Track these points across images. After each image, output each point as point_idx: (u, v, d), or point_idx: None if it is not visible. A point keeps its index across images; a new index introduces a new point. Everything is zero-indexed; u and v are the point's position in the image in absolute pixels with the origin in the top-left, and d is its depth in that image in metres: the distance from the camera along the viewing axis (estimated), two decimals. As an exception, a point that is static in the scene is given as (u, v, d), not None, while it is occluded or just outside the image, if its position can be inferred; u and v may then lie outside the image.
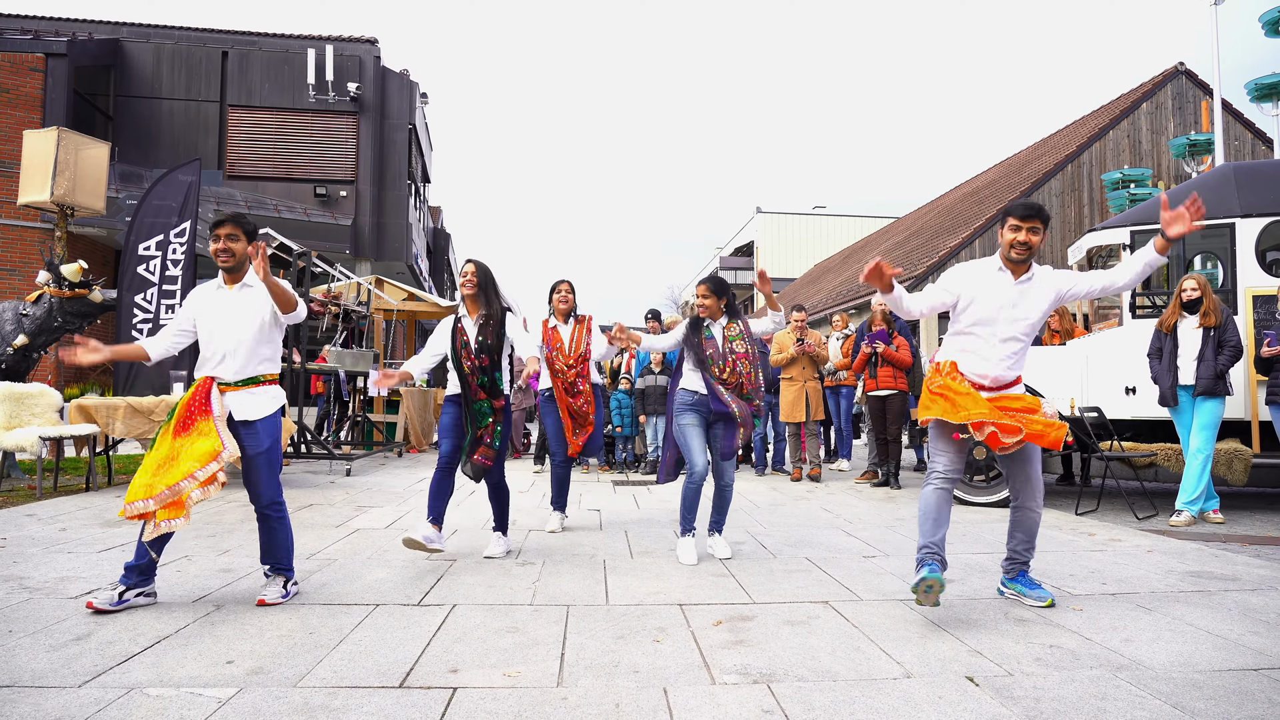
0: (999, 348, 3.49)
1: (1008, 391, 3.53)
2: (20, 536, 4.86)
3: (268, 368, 3.68)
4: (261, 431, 3.58)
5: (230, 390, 3.57)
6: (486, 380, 4.38)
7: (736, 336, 4.57)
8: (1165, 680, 2.64)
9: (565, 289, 5.56)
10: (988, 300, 3.49)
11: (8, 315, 7.50)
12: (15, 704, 2.37)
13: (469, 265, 4.55)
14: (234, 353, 3.57)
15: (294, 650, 2.89)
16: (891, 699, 2.48)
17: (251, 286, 3.67)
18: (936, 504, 3.49)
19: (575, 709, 2.40)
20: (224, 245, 3.62)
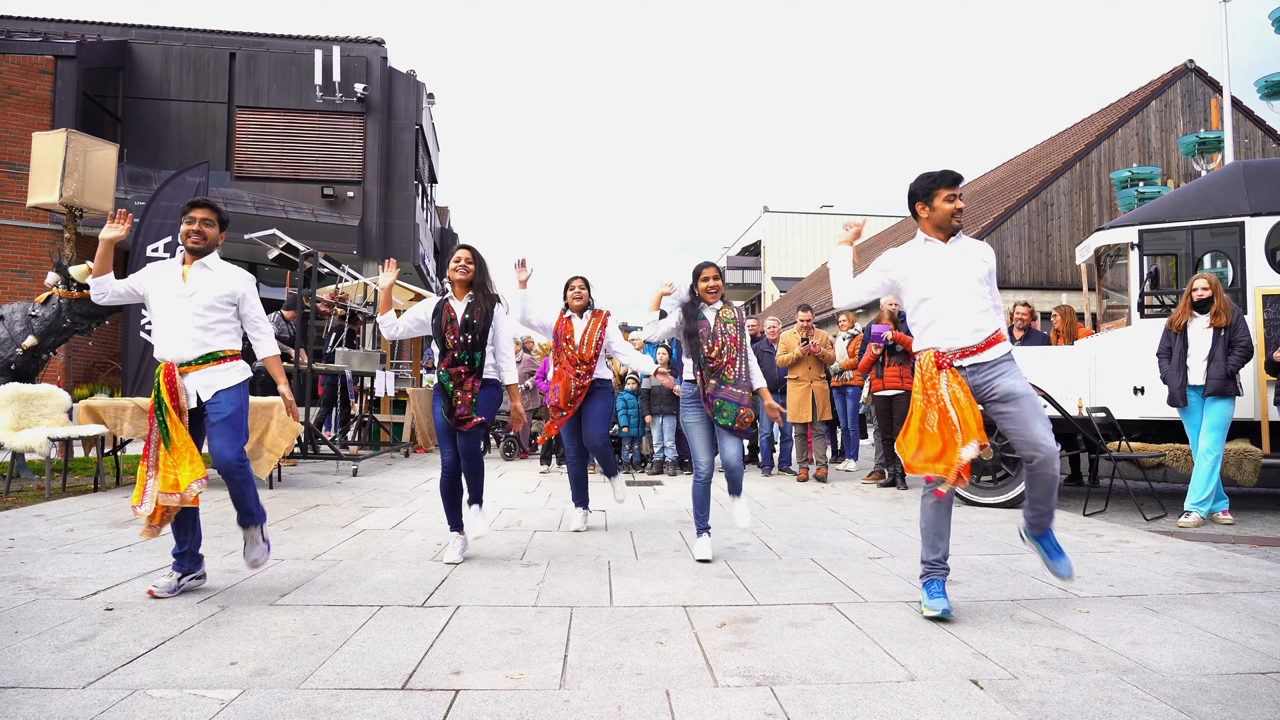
0: (962, 307, 3.45)
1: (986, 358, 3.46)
2: (28, 537, 4.88)
3: (225, 343, 3.73)
4: (223, 401, 3.64)
5: (192, 370, 3.62)
6: (466, 357, 4.35)
7: (730, 320, 4.58)
8: (1172, 684, 2.62)
9: (579, 285, 5.53)
10: (931, 269, 3.50)
11: (17, 316, 7.54)
12: (20, 705, 2.38)
13: (463, 251, 4.53)
14: (187, 332, 3.63)
15: (297, 651, 2.90)
16: (895, 702, 2.47)
17: (210, 269, 3.73)
18: (935, 516, 3.51)
19: (578, 711, 2.40)
20: (199, 228, 3.70)
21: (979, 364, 3.45)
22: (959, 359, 3.45)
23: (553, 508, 6.47)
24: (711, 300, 4.66)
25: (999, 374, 3.45)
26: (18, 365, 7.45)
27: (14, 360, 7.41)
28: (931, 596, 3.39)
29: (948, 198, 3.50)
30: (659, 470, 9.33)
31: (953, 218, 3.51)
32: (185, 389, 3.62)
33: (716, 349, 4.51)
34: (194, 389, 3.63)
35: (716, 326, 4.57)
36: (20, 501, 6.26)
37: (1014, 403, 3.41)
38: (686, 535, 5.27)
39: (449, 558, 4.41)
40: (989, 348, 3.46)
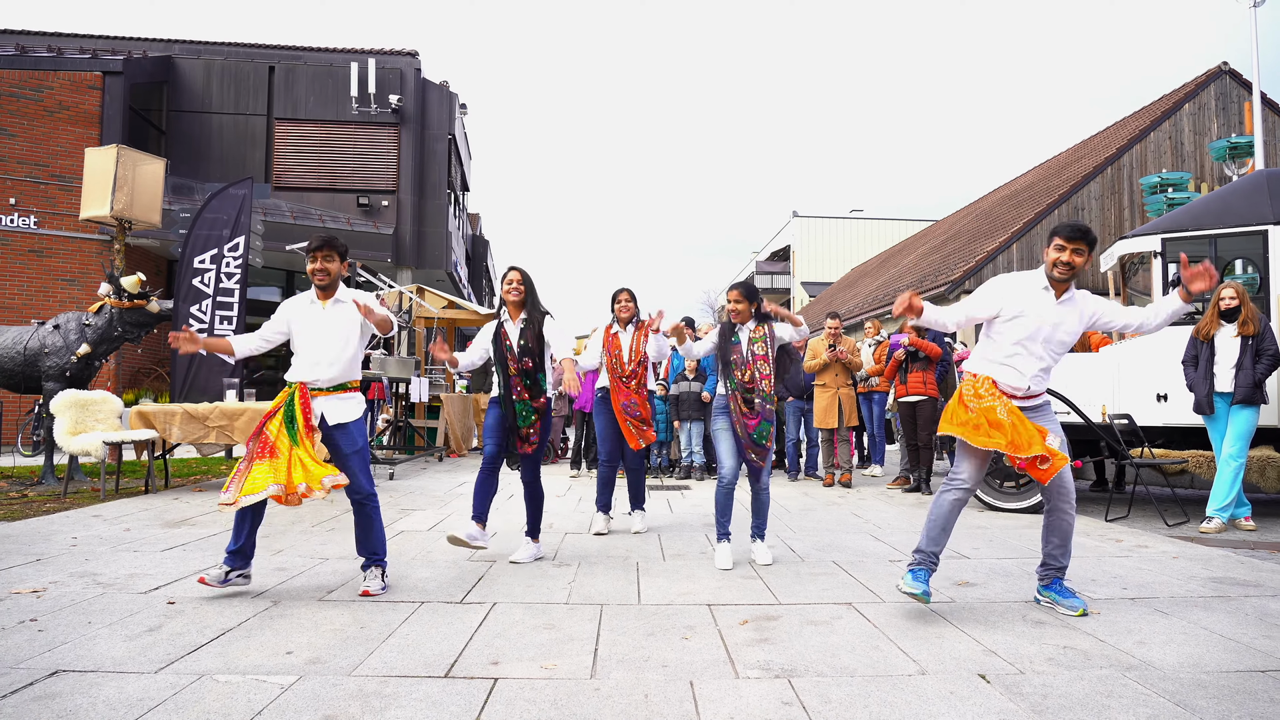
0: (1036, 363, 3.61)
1: (1032, 403, 3.65)
2: (89, 536, 5.18)
3: (353, 375, 4.04)
4: (354, 432, 3.96)
5: (322, 395, 3.93)
6: (530, 382, 4.58)
7: (759, 339, 4.73)
8: (1172, 680, 2.75)
9: (625, 297, 5.77)
10: (1032, 317, 3.59)
11: (71, 326, 7.89)
12: (101, 687, 2.62)
13: (514, 273, 4.77)
14: (328, 362, 3.93)
15: (347, 643, 3.11)
16: (905, 694, 2.63)
17: (343, 303, 4.03)
18: (949, 512, 3.66)
19: (607, 699, 2.58)
20: (320, 265, 4.00)
21: (1026, 407, 3.65)
22: (1011, 398, 3.63)
23: (583, 511, 6.67)
24: (737, 320, 4.82)
25: (1038, 415, 3.66)
26: (73, 372, 7.79)
27: (69, 367, 7.76)
28: (915, 578, 3.55)
29: (1057, 247, 3.58)
30: (687, 475, 9.51)
31: (1053, 267, 3.58)
32: (319, 409, 3.91)
33: (749, 373, 4.67)
34: (320, 410, 3.92)
35: (748, 350, 4.72)
36: (77, 503, 6.58)
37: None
38: (712, 538, 5.42)
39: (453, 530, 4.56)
40: (1037, 398, 3.68)
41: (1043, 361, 3.63)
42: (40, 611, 3.46)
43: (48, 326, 7.89)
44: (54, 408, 6.94)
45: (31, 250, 14.23)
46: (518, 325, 4.67)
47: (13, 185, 14.17)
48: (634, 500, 5.87)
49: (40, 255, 14.28)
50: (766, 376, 4.66)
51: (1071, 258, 3.54)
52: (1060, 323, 3.61)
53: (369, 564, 3.96)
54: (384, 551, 4.01)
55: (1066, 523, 3.65)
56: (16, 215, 14.13)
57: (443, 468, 10.23)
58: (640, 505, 5.87)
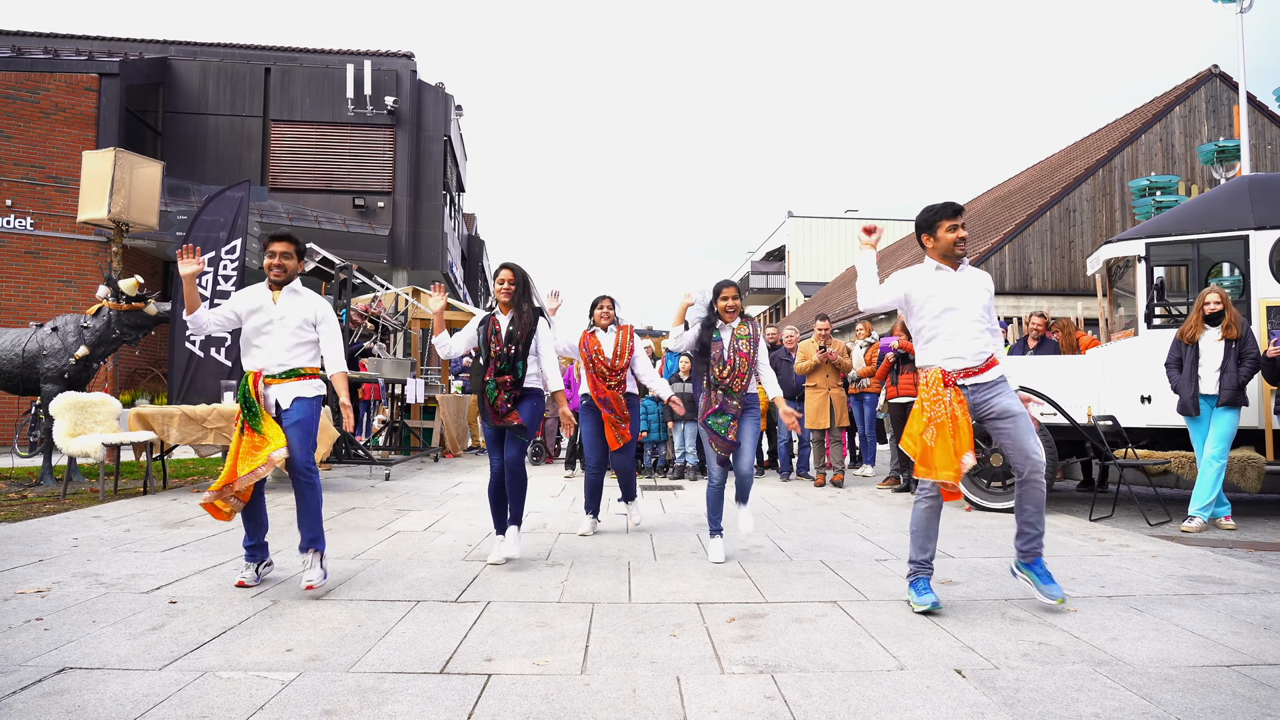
0: (968, 328, 3.73)
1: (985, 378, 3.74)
2: (90, 537, 5.26)
3: (307, 361, 4.15)
4: (298, 406, 4.05)
5: (275, 383, 4.05)
6: (508, 366, 4.64)
7: (744, 337, 4.83)
8: (1141, 675, 2.86)
9: (606, 305, 5.81)
10: (942, 293, 3.76)
11: (70, 328, 7.97)
12: (108, 683, 2.71)
13: (506, 271, 4.83)
14: (276, 350, 4.07)
15: (345, 640, 3.21)
16: (883, 688, 2.73)
17: (299, 294, 4.18)
18: (927, 519, 3.79)
19: (597, 694, 2.68)
20: (279, 261, 4.15)
21: (979, 384, 3.76)
22: (962, 378, 3.75)
23: (576, 511, 6.76)
24: (729, 319, 4.91)
25: (997, 394, 3.78)
26: (71, 374, 7.87)
27: (67, 369, 7.83)
28: (920, 594, 3.68)
29: (950, 228, 3.77)
30: (680, 475, 9.61)
31: (955, 246, 3.77)
32: (266, 398, 4.04)
33: (728, 369, 4.76)
34: (274, 399, 4.06)
35: (730, 346, 4.81)
36: (77, 504, 6.66)
37: (1010, 420, 3.73)
38: (703, 538, 5.54)
39: (492, 559, 4.66)
40: (988, 369, 3.77)
41: (975, 326, 3.73)
42: (45, 611, 3.55)
43: (46, 329, 7.97)
44: (53, 410, 7.02)
45: (28, 251, 14.28)
46: (508, 317, 4.75)
47: (9, 187, 14.22)
48: (625, 495, 5.99)
49: (37, 256, 14.33)
50: (743, 375, 4.75)
51: (964, 233, 3.78)
52: (967, 287, 3.77)
53: (306, 548, 3.98)
54: (321, 531, 4.04)
55: (1038, 491, 3.71)
56: (13, 217, 14.19)
57: (438, 468, 10.32)
58: (631, 498, 5.99)
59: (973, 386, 3.75)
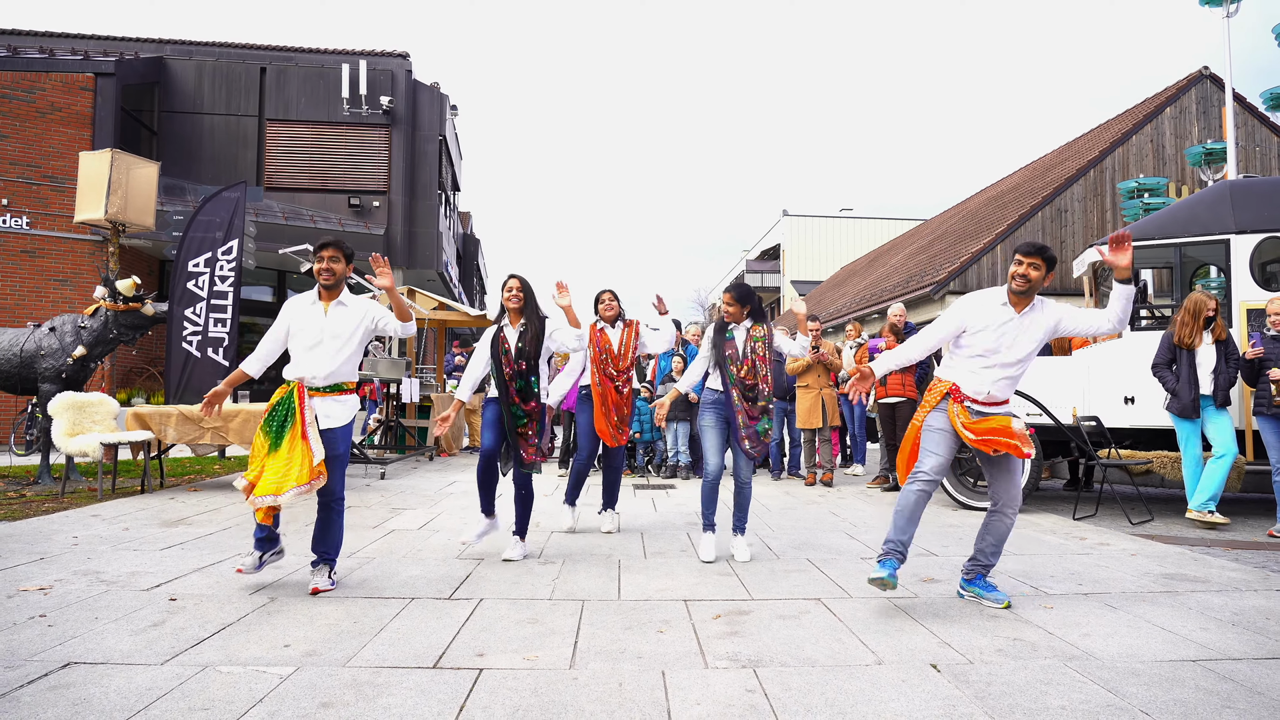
0: (998, 373, 3.80)
1: (995, 410, 3.83)
2: (90, 535, 5.35)
3: (349, 376, 4.19)
4: (339, 437, 4.11)
5: (318, 395, 4.07)
6: (523, 385, 4.76)
7: (759, 339, 4.93)
8: (1109, 669, 2.97)
9: (608, 298, 5.87)
10: (992, 332, 3.79)
11: (67, 328, 8.04)
12: (111, 677, 2.80)
13: (514, 280, 4.96)
14: (326, 363, 4.07)
15: (341, 636, 3.31)
16: (860, 682, 2.84)
17: (345, 306, 4.18)
18: (914, 504, 3.84)
19: (584, 687, 2.78)
20: (327, 266, 4.14)
21: (986, 413, 3.82)
22: (972, 402, 3.82)
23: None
24: (739, 321, 5.01)
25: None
26: (68, 374, 7.94)
27: (65, 369, 7.90)
28: (881, 565, 3.77)
29: (1016, 261, 3.79)
30: (673, 474, 9.71)
31: (1011, 280, 3.78)
32: (314, 409, 4.04)
33: (745, 368, 4.87)
34: (320, 413, 4.07)
35: (746, 346, 4.92)
36: (75, 503, 6.74)
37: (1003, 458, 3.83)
38: (694, 536, 5.65)
39: (466, 537, 4.79)
40: (997, 407, 3.85)
41: (1006, 371, 3.80)
42: (48, 608, 3.64)
43: (44, 329, 8.04)
44: (52, 409, 7.09)
45: (24, 251, 14.32)
46: (517, 330, 4.86)
47: (5, 186, 14.25)
48: (607, 499, 5.96)
49: (33, 256, 14.37)
50: (765, 377, 4.86)
51: (1027, 271, 3.73)
52: (1021, 335, 3.78)
53: (320, 562, 4.11)
54: (337, 553, 4.16)
55: (1005, 525, 3.87)
56: (9, 216, 14.22)
57: (433, 467, 10.41)
58: (613, 505, 5.98)
59: (979, 412, 3.82)
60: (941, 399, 3.85)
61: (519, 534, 4.97)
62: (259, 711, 2.53)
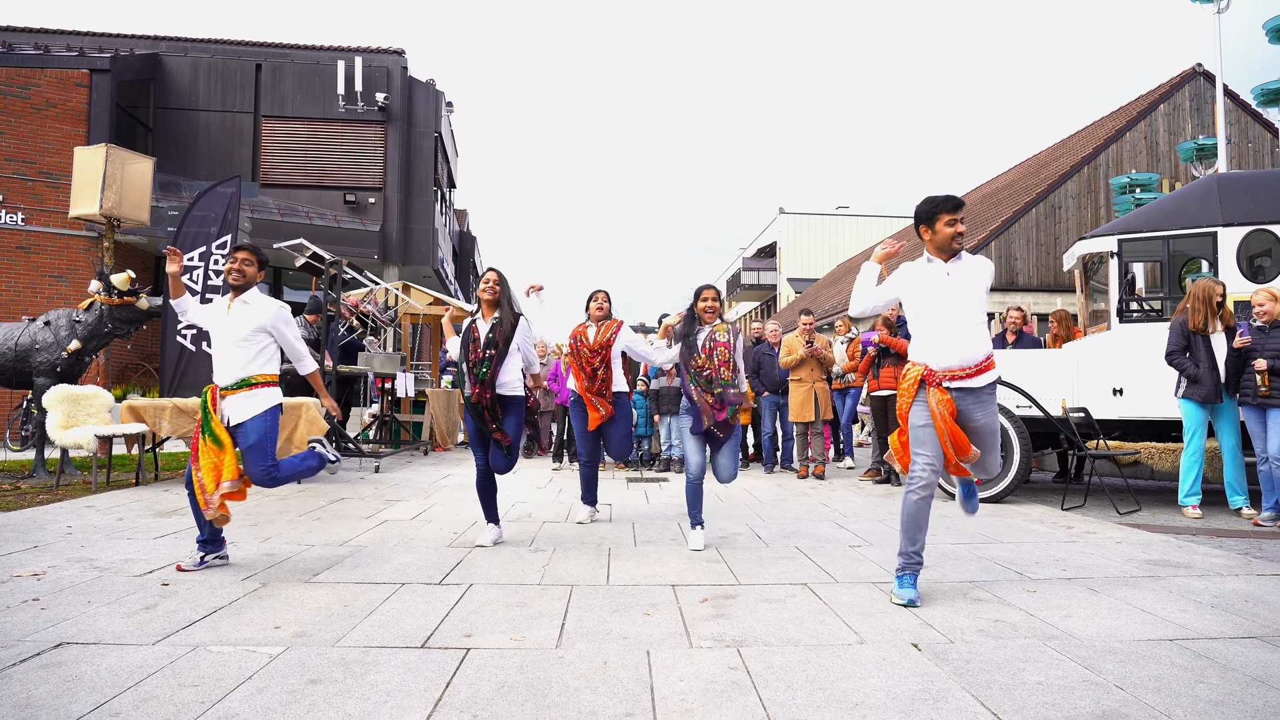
0: (955, 331, 3.73)
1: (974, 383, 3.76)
2: (83, 525, 5.38)
3: (258, 369, 4.26)
4: (249, 429, 4.19)
5: (229, 394, 4.20)
6: (484, 372, 4.78)
7: (722, 330, 4.98)
8: (1087, 648, 3.02)
9: (601, 298, 5.93)
10: (931, 290, 3.78)
11: (62, 322, 8.06)
12: (104, 656, 2.84)
13: (491, 273, 5.01)
14: (228, 360, 4.22)
15: (331, 619, 3.35)
16: (841, 660, 2.88)
17: (249, 304, 4.30)
18: (917, 510, 3.73)
19: (570, 665, 2.83)
20: (239, 267, 4.30)
21: (966, 389, 3.76)
22: (948, 380, 3.74)
23: (562, 501, 6.91)
24: (709, 320, 5.06)
25: (981, 405, 3.78)
26: (63, 368, 7.97)
27: (60, 363, 7.93)
28: (902, 586, 3.69)
29: (948, 221, 3.76)
30: (666, 468, 9.76)
31: (953, 240, 3.77)
32: (222, 409, 4.20)
33: (704, 357, 4.91)
34: (229, 412, 4.20)
35: (708, 338, 4.96)
36: (70, 494, 6.77)
37: (984, 436, 3.82)
38: (684, 526, 5.69)
39: (480, 540, 4.94)
40: (978, 374, 3.75)
41: (961, 334, 3.72)
42: (41, 592, 3.68)
43: (39, 323, 8.06)
44: (46, 402, 7.12)
45: (19, 247, 14.34)
46: (489, 322, 4.89)
47: (0, 183, 14.27)
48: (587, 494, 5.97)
49: (28, 252, 14.40)
50: (726, 363, 4.87)
51: (963, 227, 3.80)
52: (959, 284, 3.75)
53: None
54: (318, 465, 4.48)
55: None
56: (4, 212, 14.24)
57: (427, 461, 10.45)
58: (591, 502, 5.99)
59: (959, 390, 3.74)
60: (918, 387, 3.79)
61: (490, 519, 5.07)
62: (248, 688, 2.57)
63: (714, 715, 2.41)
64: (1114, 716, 2.39)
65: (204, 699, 2.48)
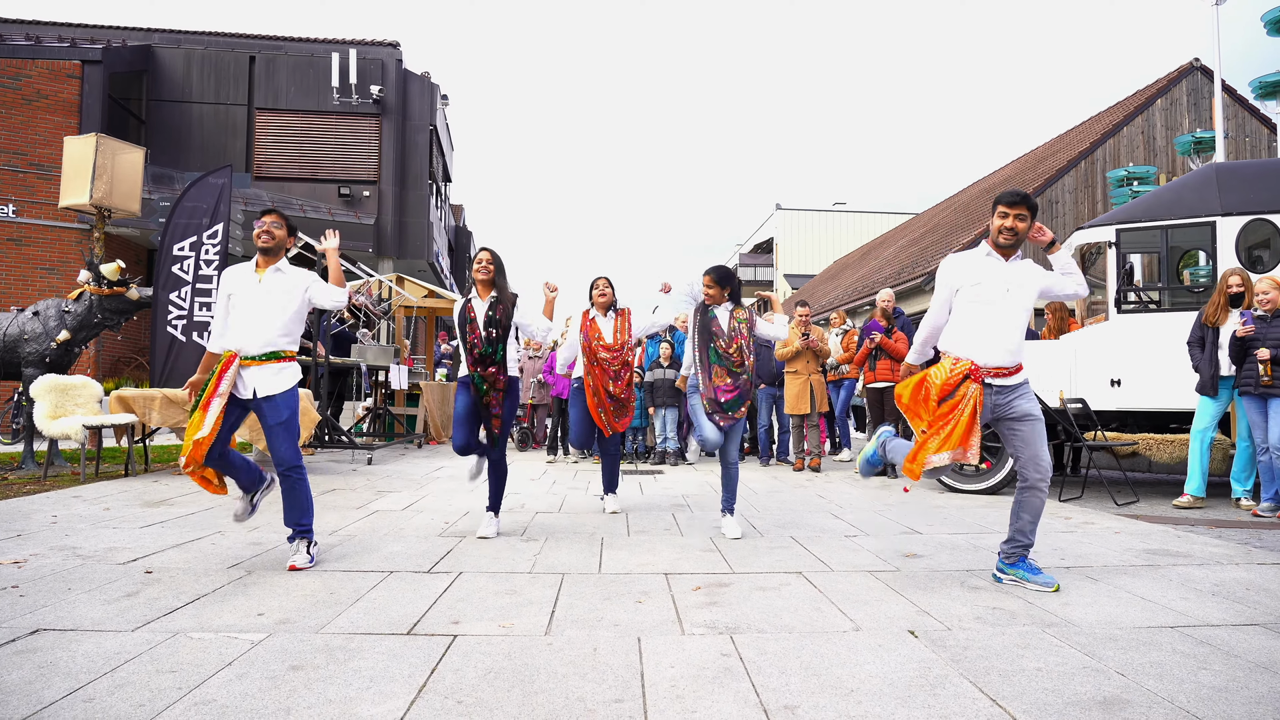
0: (1003, 324, 3.67)
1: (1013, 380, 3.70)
2: (69, 515, 5.30)
3: (288, 344, 4.11)
4: (281, 404, 4.01)
5: (254, 365, 3.99)
6: (490, 351, 4.70)
7: (743, 320, 4.93)
8: (1087, 634, 2.96)
9: (603, 284, 5.84)
10: (989, 283, 3.70)
11: (51, 312, 7.98)
12: (80, 642, 2.77)
13: (484, 253, 4.91)
14: (261, 329, 4.00)
15: (317, 606, 3.28)
16: (836, 647, 2.82)
17: (283, 272, 4.14)
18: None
19: (559, 652, 2.76)
20: (268, 229, 4.12)
21: (1005, 386, 3.71)
22: (992, 377, 3.68)
23: (555, 493, 6.85)
24: (719, 303, 5.00)
25: (1019, 396, 3.72)
26: (52, 358, 7.89)
27: (49, 353, 7.84)
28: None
29: (1000, 214, 3.70)
30: (661, 460, 9.69)
31: (999, 234, 3.70)
32: (243, 379, 3.98)
33: (735, 346, 4.85)
34: (253, 383, 3.98)
35: (730, 325, 4.91)
36: (58, 485, 6.69)
37: (1027, 423, 3.69)
38: (679, 518, 5.64)
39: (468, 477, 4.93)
40: (1017, 373, 3.73)
41: (1010, 323, 3.67)
42: (21, 579, 3.60)
43: (27, 313, 7.97)
44: (34, 392, 7.04)
45: (10, 239, 14.24)
46: (485, 301, 4.81)
47: (-9, 174, 14.17)
48: (607, 484, 5.93)
49: (19, 244, 14.29)
50: (748, 354, 4.87)
51: (1014, 223, 3.67)
52: (1015, 281, 3.69)
53: (296, 535, 4.04)
54: (310, 520, 4.08)
55: (1039, 500, 3.68)
56: (-5, 204, 14.13)
57: (421, 454, 10.38)
58: (613, 490, 5.95)
59: (999, 387, 3.69)
60: (961, 380, 3.64)
61: (492, 509, 4.92)
62: (227, 674, 2.50)
63: (706, 701, 2.34)
64: (1116, 703, 2.33)
65: (181, 685, 2.41)
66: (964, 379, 3.65)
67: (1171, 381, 6.65)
